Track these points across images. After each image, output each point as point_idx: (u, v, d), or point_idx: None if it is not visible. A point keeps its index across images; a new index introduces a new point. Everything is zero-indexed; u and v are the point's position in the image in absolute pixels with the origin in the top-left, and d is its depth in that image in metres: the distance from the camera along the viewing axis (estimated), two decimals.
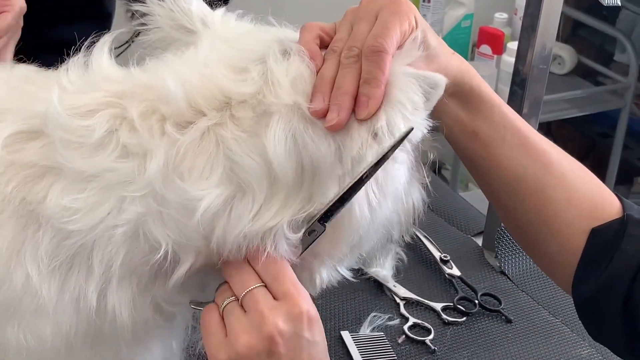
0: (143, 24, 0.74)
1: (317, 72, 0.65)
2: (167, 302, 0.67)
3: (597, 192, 0.78)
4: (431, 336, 1.03)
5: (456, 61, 0.74)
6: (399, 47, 0.66)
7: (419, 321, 1.06)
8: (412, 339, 1.03)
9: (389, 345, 1.01)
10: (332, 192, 0.63)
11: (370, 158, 0.62)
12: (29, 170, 0.62)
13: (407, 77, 0.64)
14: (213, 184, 0.61)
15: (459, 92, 0.75)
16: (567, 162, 0.78)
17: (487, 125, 0.76)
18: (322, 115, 0.62)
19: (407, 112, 0.64)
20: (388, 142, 0.63)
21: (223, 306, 0.64)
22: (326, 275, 0.70)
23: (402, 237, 0.77)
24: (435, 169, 0.78)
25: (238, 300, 0.63)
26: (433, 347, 1.01)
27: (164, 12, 0.73)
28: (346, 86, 0.63)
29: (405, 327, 1.04)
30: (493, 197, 0.83)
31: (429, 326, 1.05)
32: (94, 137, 0.61)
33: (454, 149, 0.80)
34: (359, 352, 0.99)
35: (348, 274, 0.73)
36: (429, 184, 0.75)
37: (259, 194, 0.62)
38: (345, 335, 1.02)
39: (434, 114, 0.71)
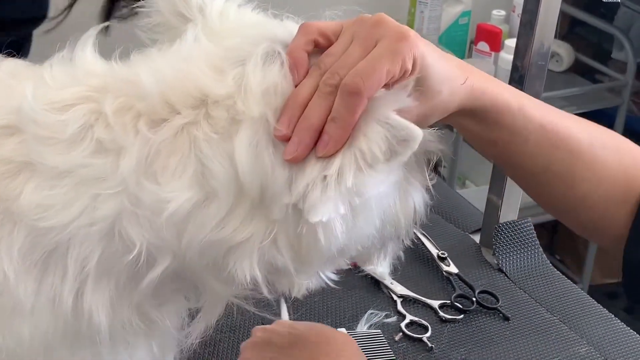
0: (142, 6, 0.72)
1: (296, 85, 0.62)
2: (147, 305, 0.66)
3: (631, 163, 0.79)
4: (428, 333, 1.03)
5: (463, 89, 0.70)
6: (386, 85, 0.62)
7: (416, 318, 1.05)
8: (410, 336, 1.02)
9: (386, 343, 1.00)
10: (275, 216, 0.61)
11: (314, 200, 0.59)
12: (5, 166, 0.61)
13: (378, 125, 0.60)
14: (184, 187, 0.60)
15: (472, 113, 0.73)
16: (598, 141, 0.78)
17: (508, 134, 0.75)
18: (285, 140, 0.60)
19: (364, 164, 0.60)
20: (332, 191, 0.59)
21: None
22: (307, 283, 0.68)
23: (402, 240, 0.75)
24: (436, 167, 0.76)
25: None
26: (430, 345, 1.01)
27: None
28: (313, 119, 0.60)
29: (403, 325, 1.04)
30: (519, 183, 0.83)
31: (427, 323, 1.04)
32: (67, 133, 0.60)
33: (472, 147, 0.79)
34: None
35: (334, 278, 0.70)
36: (431, 187, 0.74)
37: (224, 201, 0.60)
38: (342, 332, 1.01)
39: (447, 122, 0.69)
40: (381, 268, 1.11)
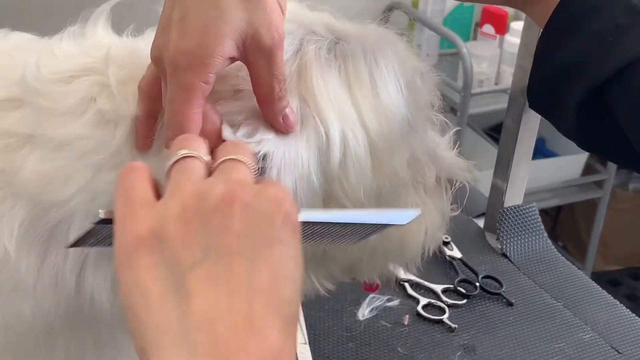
0: None
1: None
2: None
3: None
4: (446, 315, 1.02)
5: None
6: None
7: (434, 300, 1.04)
8: (426, 318, 1.02)
9: None
10: None
11: None
12: (9, 139, 0.60)
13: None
14: None
15: None
16: None
17: None
18: None
19: None
20: None
21: (174, 160, 0.48)
22: None
23: (407, 264, 0.74)
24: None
25: (203, 162, 0.48)
26: (454, 325, 1.00)
27: None
28: None
29: (419, 307, 1.03)
30: None
31: (443, 305, 1.04)
32: (69, 104, 0.59)
33: None
34: None
35: (329, 287, 0.68)
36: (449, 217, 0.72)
37: None
38: None
39: None
40: None
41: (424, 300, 1.04)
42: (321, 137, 0.58)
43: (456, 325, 1.01)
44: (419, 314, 1.02)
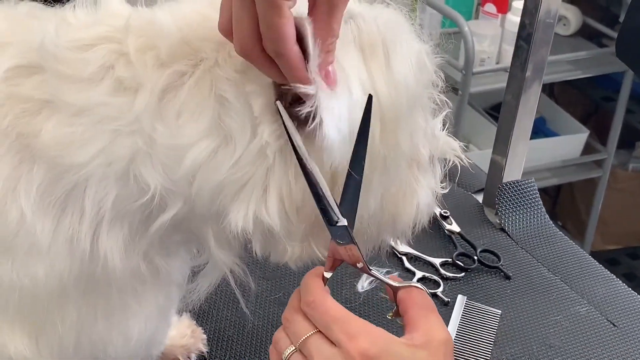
0: None
1: None
2: (154, 254, 0.66)
3: None
4: (441, 288, 1.04)
5: None
6: None
7: (428, 274, 1.05)
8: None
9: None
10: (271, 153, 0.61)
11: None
12: (26, 104, 0.61)
13: None
14: (202, 132, 0.60)
15: None
16: None
17: None
18: None
19: None
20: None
21: (286, 357, 0.63)
22: (299, 253, 0.67)
23: (397, 238, 0.75)
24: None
25: (297, 350, 0.63)
26: (447, 299, 1.02)
27: None
28: None
29: (414, 281, 1.04)
30: None
31: (438, 279, 1.05)
32: (88, 71, 0.60)
33: None
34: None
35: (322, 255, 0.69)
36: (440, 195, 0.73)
37: (240, 142, 0.60)
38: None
39: None
40: None
41: (419, 274, 1.06)
42: (350, 97, 0.60)
43: (449, 299, 1.02)
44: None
